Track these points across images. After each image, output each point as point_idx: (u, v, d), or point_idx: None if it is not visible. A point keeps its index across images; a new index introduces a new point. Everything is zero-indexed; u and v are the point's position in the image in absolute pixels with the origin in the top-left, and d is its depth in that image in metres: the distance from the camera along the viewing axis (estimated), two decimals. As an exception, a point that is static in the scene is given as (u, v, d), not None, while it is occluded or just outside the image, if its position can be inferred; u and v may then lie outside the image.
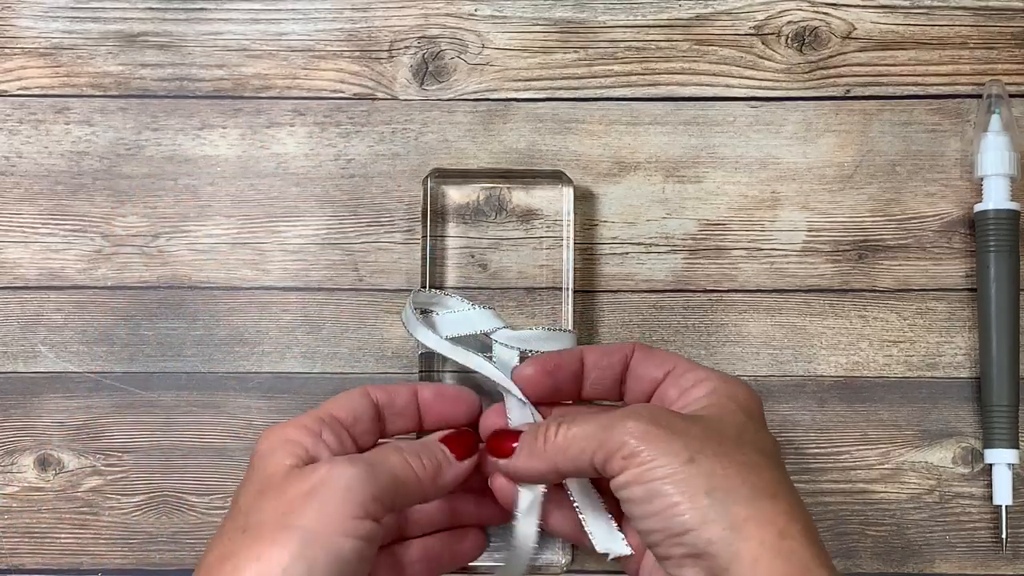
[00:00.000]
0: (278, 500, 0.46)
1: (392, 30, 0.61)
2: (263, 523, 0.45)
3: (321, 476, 0.46)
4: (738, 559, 0.43)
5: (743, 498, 0.44)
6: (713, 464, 0.44)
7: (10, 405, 0.59)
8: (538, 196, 0.60)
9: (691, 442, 0.45)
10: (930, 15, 0.61)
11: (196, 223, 0.60)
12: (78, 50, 0.61)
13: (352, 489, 0.45)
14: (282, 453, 0.48)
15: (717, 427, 0.46)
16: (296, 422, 0.49)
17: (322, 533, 0.44)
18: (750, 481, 0.44)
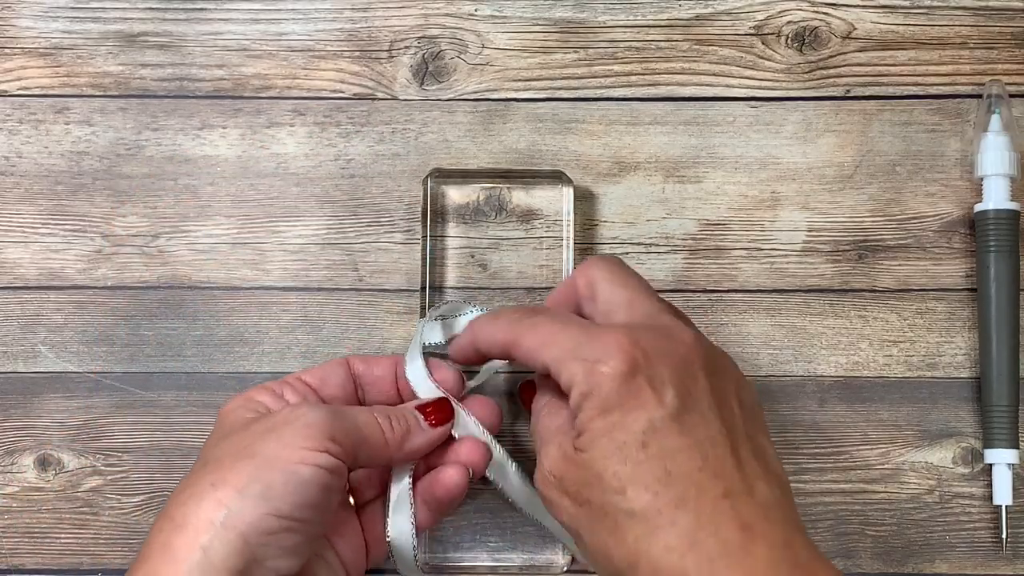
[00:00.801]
0: (239, 438, 0.48)
1: (392, 30, 0.61)
2: (222, 456, 0.47)
3: (283, 415, 0.48)
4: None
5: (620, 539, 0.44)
6: (590, 537, 0.45)
7: (10, 405, 0.59)
8: (538, 196, 0.60)
9: (574, 515, 0.45)
10: (930, 15, 0.61)
11: (196, 223, 0.60)
12: (78, 50, 0.61)
13: (311, 426, 0.47)
14: (243, 410, 0.50)
15: (592, 472, 0.44)
16: (259, 386, 0.52)
17: (279, 458, 0.46)
18: (612, 552, 0.44)
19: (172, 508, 0.46)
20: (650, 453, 0.44)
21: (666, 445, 0.44)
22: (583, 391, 0.45)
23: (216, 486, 0.45)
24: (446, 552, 0.58)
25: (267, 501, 0.45)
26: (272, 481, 0.45)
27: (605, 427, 0.44)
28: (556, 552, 0.58)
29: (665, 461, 0.43)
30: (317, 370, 0.53)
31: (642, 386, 0.44)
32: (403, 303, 0.60)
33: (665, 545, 0.42)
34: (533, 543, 0.58)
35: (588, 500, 0.44)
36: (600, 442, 0.44)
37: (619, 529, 0.43)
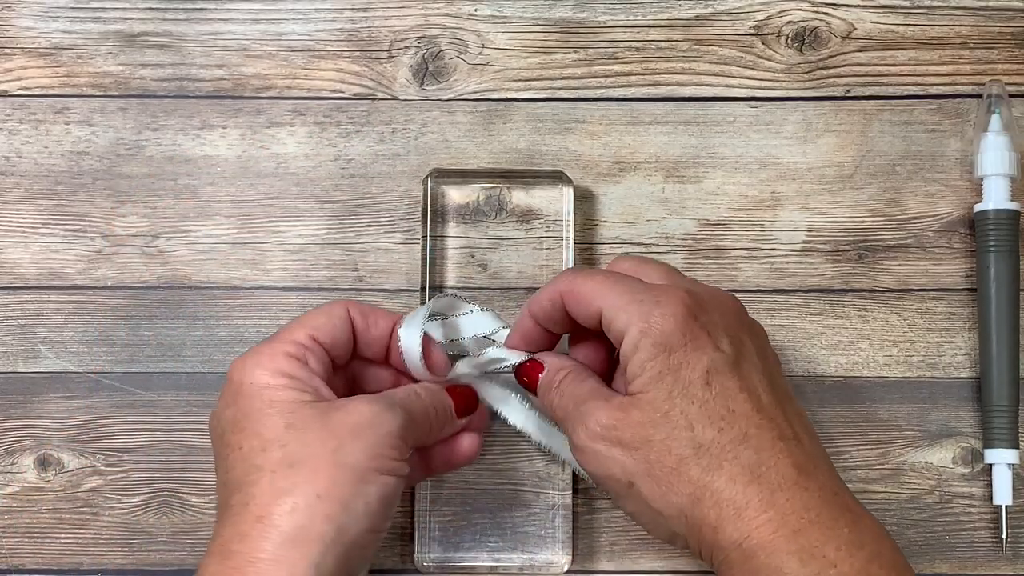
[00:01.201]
0: (321, 434, 0.47)
1: (392, 30, 0.61)
2: (312, 457, 0.46)
3: (365, 416, 0.48)
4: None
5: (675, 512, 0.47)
6: (647, 487, 0.47)
7: (10, 405, 0.59)
8: (538, 196, 0.60)
9: (627, 461, 0.47)
10: (930, 15, 0.61)
11: (196, 223, 0.60)
12: (78, 50, 0.61)
13: (393, 433, 0.48)
14: (294, 392, 0.48)
15: (648, 415, 0.47)
16: (279, 349, 0.49)
17: (371, 472, 0.47)
18: (673, 488, 0.46)
19: (273, 512, 0.45)
20: (714, 392, 0.47)
21: (727, 386, 0.47)
22: (643, 329, 0.47)
23: (322, 499, 0.45)
24: (446, 552, 0.58)
25: (368, 517, 0.46)
26: (370, 496, 0.46)
27: (668, 367, 0.47)
28: (557, 553, 0.58)
29: (727, 400, 0.47)
30: (326, 324, 0.51)
31: (700, 331, 0.47)
32: (403, 303, 0.60)
33: (729, 476, 0.46)
34: (533, 543, 0.58)
35: (648, 441, 0.46)
36: (664, 381, 0.47)
37: (683, 465, 0.46)
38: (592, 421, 0.48)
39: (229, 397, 0.49)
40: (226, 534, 0.46)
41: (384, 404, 0.49)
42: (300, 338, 0.50)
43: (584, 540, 0.58)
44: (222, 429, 0.49)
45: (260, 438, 0.47)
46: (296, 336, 0.50)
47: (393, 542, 0.58)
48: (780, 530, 0.45)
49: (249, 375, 0.49)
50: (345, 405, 0.48)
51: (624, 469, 0.47)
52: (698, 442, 0.46)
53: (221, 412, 0.49)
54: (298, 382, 0.49)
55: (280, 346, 0.50)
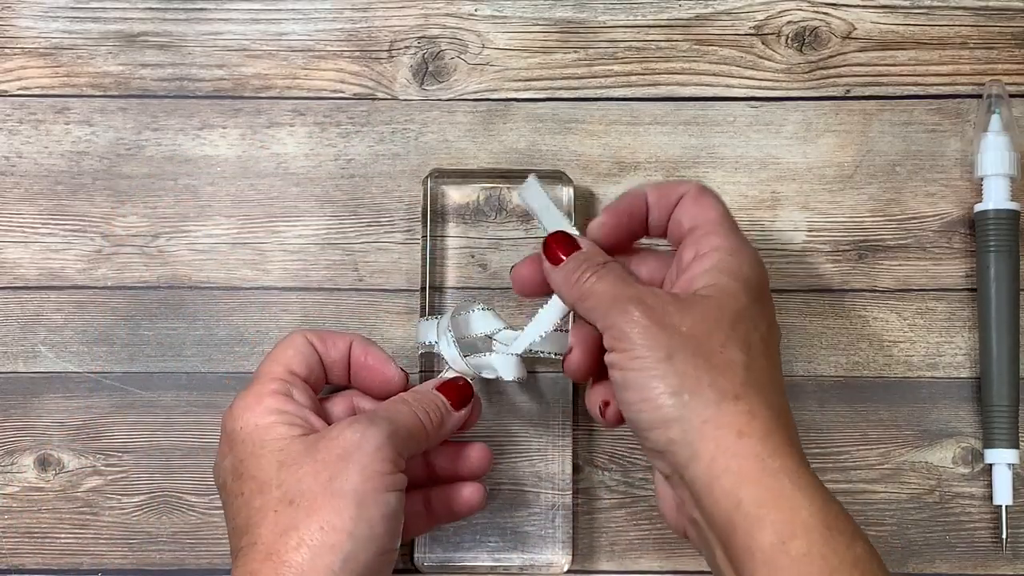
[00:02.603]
0: (312, 467, 0.47)
1: (392, 30, 0.61)
2: (309, 492, 0.47)
3: (350, 439, 0.48)
4: (696, 459, 0.45)
5: (707, 401, 0.45)
6: (687, 364, 0.46)
7: (10, 405, 0.59)
8: (538, 196, 0.60)
9: (675, 338, 0.46)
10: (930, 15, 0.61)
11: (196, 223, 0.60)
12: (78, 50, 0.61)
13: (382, 448, 0.48)
14: (283, 427, 0.49)
15: (712, 315, 0.47)
16: (263, 388, 0.50)
17: (370, 492, 0.47)
18: (718, 384, 0.45)
19: (280, 548, 0.46)
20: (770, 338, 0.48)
21: (771, 331, 0.49)
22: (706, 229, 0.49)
23: (326, 530, 0.46)
24: (446, 552, 0.58)
25: (373, 541, 0.47)
26: (372, 518, 0.47)
27: (727, 269, 0.48)
28: (557, 553, 0.58)
29: (766, 342, 0.48)
30: (295, 356, 0.52)
31: (768, 298, 0.49)
32: (403, 303, 0.60)
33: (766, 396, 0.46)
34: (533, 543, 0.58)
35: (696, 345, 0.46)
36: (721, 281, 0.48)
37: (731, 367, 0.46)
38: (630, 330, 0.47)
39: (225, 447, 0.50)
40: (238, 574, 0.47)
41: (365, 422, 0.49)
42: (279, 374, 0.51)
43: (584, 540, 0.58)
44: (223, 479, 0.50)
45: (256, 481, 0.48)
46: (275, 373, 0.51)
47: (393, 542, 0.58)
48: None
49: (240, 420, 0.50)
50: (328, 432, 0.49)
51: (655, 342, 0.46)
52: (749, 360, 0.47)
53: (220, 463, 0.51)
54: (287, 416, 0.50)
55: (263, 386, 0.51)
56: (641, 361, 0.46)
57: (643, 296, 0.48)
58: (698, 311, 0.47)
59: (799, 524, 0.43)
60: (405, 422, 0.50)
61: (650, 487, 0.59)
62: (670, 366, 0.46)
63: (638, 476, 0.59)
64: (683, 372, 0.45)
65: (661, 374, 0.46)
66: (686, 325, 0.47)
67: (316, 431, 0.49)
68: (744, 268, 0.49)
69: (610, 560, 0.58)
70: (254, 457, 0.49)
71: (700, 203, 0.51)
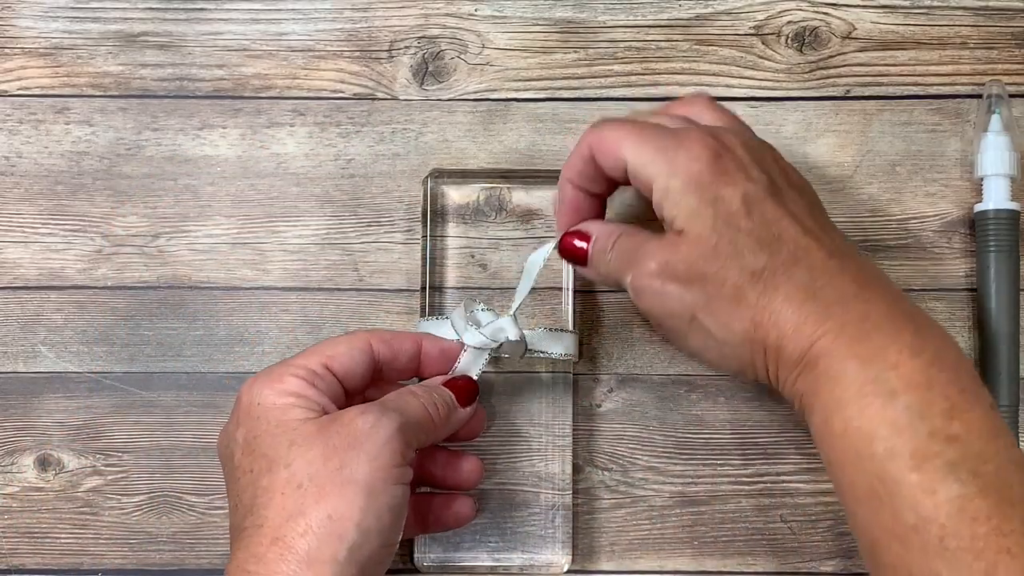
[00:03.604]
0: (322, 451, 0.47)
1: (392, 30, 0.61)
2: (318, 477, 0.47)
3: (361, 428, 0.48)
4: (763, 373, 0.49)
5: (742, 328, 0.48)
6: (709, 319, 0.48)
7: (10, 405, 0.59)
8: (538, 196, 0.60)
9: (686, 296, 0.49)
10: (930, 15, 0.61)
11: (196, 223, 0.60)
12: (78, 50, 0.61)
13: (392, 440, 0.48)
14: (299, 409, 0.49)
15: (698, 250, 0.48)
16: (288, 371, 0.50)
17: (377, 484, 0.47)
18: (744, 300, 0.48)
19: (287, 534, 0.46)
20: (756, 220, 0.48)
21: (767, 212, 0.48)
22: (669, 174, 0.49)
23: (333, 519, 0.46)
24: (446, 552, 0.58)
25: (380, 534, 0.47)
26: (380, 510, 0.47)
27: (703, 201, 0.48)
28: (556, 552, 0.58)
29: (771, 226, 0.48)
30: (344, 355, 0.51)
31: (728, 165, 0.49)
32: (403, 303, 0.60)
33: (785, 296, 0.47)
34: (533, 543, 0.58)
35: (702, 274, 0.48)
36: (704, 215, 0.48)
37: (739, 292, 0.48)
38: (647, 260, 0.50)
39: (239, 418, 0.50)
40: (242, 556, 0.46)
41: (377, 410, 0.49)
42: (312, 364, 0.50)
43: (584, 540, 0.58)
44: (231, 451, 0.50)
45: (267, 459, 0.48)
46: (309, 362, 0.50)
47: (393, 542, 0.58)
48: (840, 338, 0.46)
49: (257, 395, 0.49)
50: (340, 417, 0.48)
51: (684, 304, 0.49)
52: (751, 269, 0.48)
53: (232, 433, 0.50)
54: (305, 400, 0.49)
55: (290, 368, 0.50)
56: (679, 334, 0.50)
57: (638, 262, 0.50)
58: (681, 248, 0.49)
59: (834, 402, 0.45)
60: (415, 414, 0.50)
61: (650, 487, 0.59)
62: (698, 325, 0.49)
63: (638, 476, 0.59)
64: (711, 326, 0.48)
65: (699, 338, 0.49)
66: (681, 270, 0.49)
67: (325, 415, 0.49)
68: (680, 175, 0.49)
69: (610, 560, 0.58)
70: (268, 435, 0.48)
71: (604, 149, 0.52)
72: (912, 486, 0.43)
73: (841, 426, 0.45)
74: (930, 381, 0.45)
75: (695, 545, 0.58)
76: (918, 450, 0.43)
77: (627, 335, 0.60)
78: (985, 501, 0.42)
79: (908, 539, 0.42)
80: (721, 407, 0.59)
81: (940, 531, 0.42)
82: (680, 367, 0.59)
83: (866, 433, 0.44)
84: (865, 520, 0.44)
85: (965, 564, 0.41)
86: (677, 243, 0.49)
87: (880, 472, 0.43)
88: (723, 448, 0.59)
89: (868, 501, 0.44)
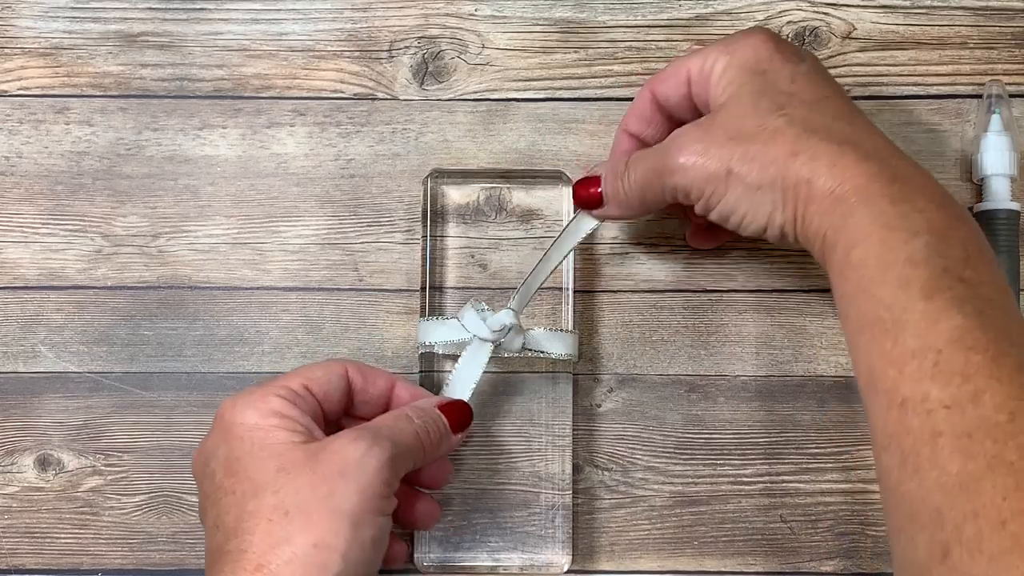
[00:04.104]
0: (311, 479, 0.47)
1: (392, 30, 0.61)
2: (305, 505, 0.46)
3: (352, 456, 0.48)
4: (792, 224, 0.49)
5: (776, 176, 0.48)
6: (744, 164, 0.49)
7: (10, 405, 0.59)
8: (538, 196, 0.60)
9: (723, 153, 0.49)
10: (930, 15, 0.61)
11: (196, 223, 0.60)
12: (78, 50, 0.61)
13: (383, 470, 0.48)
14: (284, 432, 0.49)
15: (734, 112, 0.50)
16: (271, 391, 0.50)
17: (365, 515, 0.47)
18: (774, 156, 0.48)
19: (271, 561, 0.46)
20: (801, 85, 0.50)
21: (814, 83, 0.51)
22: (727, 61, 0.51)
23: (319, 548, 0.46)
24: (446, 552, 0.58)
25: (363, 564, 0.47)
26: (365, 542, 0.47)
27: (754, 74, 0.50)
28: (557, 552, 0.58)
29: (816, 89, 0.50)
30: (323, 378, 0.52)
31: (784, 51, 0.51)
32: (403, 303, 0.60)
33: (824, 137, 0.48)
34: (533, 543, 0.58)
35: (740, 131, 0.49)
36: (751, 84, 0.50)
37: (778, 132, 0.48)
38: (681, 139, 0.51)
39: (219, 436, 0.50)
40: None
41: (370, 439, 0.48)
42: (294, 385, 0.51)
43: (584, 540, 0.58)
44: (212, 470, 0.49)
45: (252, 483, 0.48)
46: (290, 383, 0.51)
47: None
48: (874, 180, 0.47)
49: (240, 415, 0.49)
50: (331, 444, 0.48)
51: (721, 160, 0.49)
52: (791, 116, 0.49)
53: (212, 451, 0.50)
54: (289, 421, 0.49)
55: (272, 388, 0.50)
56: (715, 195, 0.50)
57: (670, 149, 0.51)
58: (719, 117, 0.50)
59: (859, 233, 0.46)
60: (406, 442, 0.50)
61: (650, 487, 0.59)
62: (734, 178, 0.49)
63: (638, 476, 0.59)
64: (747, 173, 0.49)
65: (730, 188, 0.49)
66: (719, 135, 0.49)
67: (315, 441, 0.49)
68: (740, 54, 0.51)
69: (610, 560, 0.58)
70: (252, 458, 0.48)
71: (666, 74, 0.54)
72: (918, 313, 0.44)
73: (861, 256, 0.46)
74: (951, 230, 0.46)
75: (695, 545, 0.58)
76: (930, 282, 0.44)
77: (627, 335, 0.60)
78: (984, 335, 0.43)
79: (905, 364, 0.44)
80: (721, 407, 0.59)
81: (936, 356, 0.43)
82: (680, 367, 0.59)
83: (885, 263, 0.45)
84: (866, 347, 0.45)
85: (955, 385, 0.42)
86: (714, 115, 0.51)
87: (890, 300, 0.45)
88: (723, 448, 0.59)
89: (872, 328, 0.45)
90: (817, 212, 0.48)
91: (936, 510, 0.42)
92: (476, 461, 0.58)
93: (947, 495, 0.41)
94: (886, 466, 0.44)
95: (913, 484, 0.43)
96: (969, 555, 0.40)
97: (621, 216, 0.55)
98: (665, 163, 0.51)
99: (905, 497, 0.43)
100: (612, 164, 0.54)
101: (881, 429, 0.44)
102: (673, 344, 0.59)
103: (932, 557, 0.41)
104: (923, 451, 0.42)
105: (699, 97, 0.52)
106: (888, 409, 0.44)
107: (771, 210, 0.49)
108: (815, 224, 0.48)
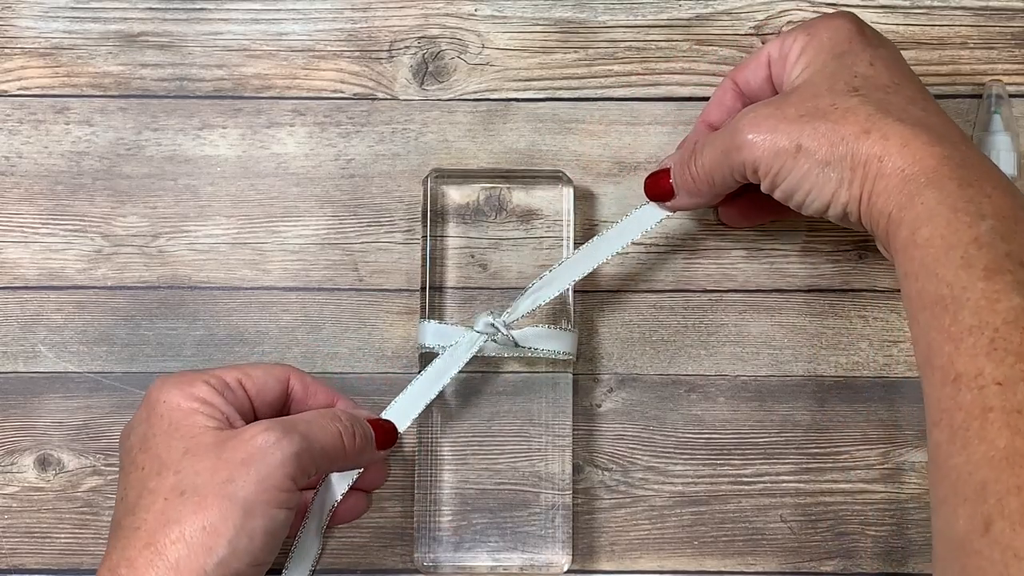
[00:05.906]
0: (214, 463, 0.47)
1: (392, 30, 0.61)
2: (202, 488, 0.47)
3: (258, 446, 0.47)
4: (858, 203, 0.50)
5: (844, 154, 0.49)
6: (814, 140, 0.49)
7: (10, 405, 0.59)
8: (538, 196, 0.60)
9: (793, 129, 0.50)
10: (930, 15, 0.61)
11: (196, 223, 0.60)
12: (78, 50, 0.61)
13: (287, 463, 0.47)
14: (202, 416, 0.49)
15: (810, 89, 0.51)
16: (201, 377, 0.50)
17: (260, 505, 0.47)
18: (844, 134, 0.49)
19: (160, 540, 0.46)
20: (878, 69, 0.51)
21: (892, 65, 0.52)
22: (807, 41, 0.52)
23: (208, 531, 0.46)
24: (446, 552, 0.58)
25: (250, 553, 0.47)
26: (255, 531, 0.47)
27: (833, 56, 0.51)
28: (557, 552, 0.58)
29: (892, 73, 0.51)
30: (260, 378, 0.52)
31: (866, 35, 0.52)
32: (403, 303, 0.60)
33: (897, 118, 0.49)
34: (533, 543, 0.58)
35: (814, 108, 0.50)
36: (828, 65, 0.51)
37: (851, 111, 0.49)
38: (751, 115, 0.51)
39: (144, 412, 0.50)
40: (115, 558, 0.47)
41: (280, 431, 0.48)
42: (227, 377, 0.51)
43: (584, 540, 0.58)
44: (131, 444, 0.50)
45: (159, 461, 0.48)
46: (225, 375, 0.51)
47: (393, 542, 0.58)
48: (944, 163, 0.47)
49: (166, 394, 0.50)
50: (242, 433, 0.48)
51: (790, 136, 0.50)
52: (866, 96, 0.50)
53: (134, 426, 0.50)
54: (211, 408, 0.49)
55: (203, 376, 0.50)
56: (783, 170, 0.50)
57: (739, 125, 0.51)
58: (793, 96, 0.51)
59: (927, 213, 0.47)
60: (321, 439, 0.49)
61: (650, 487, 0.59)
62: (803, 154, 0.49)
63: (638, 476, 0.59)
64: (816, 148, 0.49)
65: (798, 163, 0.50)
66: (790, 112, 0.50)
67: (229, 428, 0.49)
68: (820, 36, 0.52)
69: (610, 560, 0.58)
70: (165, 436, 0.49)
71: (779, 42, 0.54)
72: (978, 292, 0.45)
73: (927, 235, 0.46)
74: (1017, 217, 0.47)
75: (695, 545, 0.58)
76: (992, 264, 0.45)
77: (627, 335, 0.60)
78: None
79: (962, 340, 0.44)
80: (721, 407, 0.59)
81: (993, 334, 0.44)
82: (680, 367, 0.59)
83: (950, 243, 0.46)
84: (926, 324, 0.46)
85: (1008, 364, 0.43)
86: (788, 94, 0.51)
87: (952, 279, 0.45)
88: (723, 448, 0.59)
89: (933, 307, 0.46)
90: (884, 191, 0.48)
91: (981, 483, 0.42)
92: (476, 461, 0.58)
93: (993, 468, 0.42)
94: (936, 441, 0.45)
95: (961, 458, 0.43)
96: (1011, 527, 0.41)
97: (691, 204, 0.56)
98: (734, 140, 0.51)
99: (951, 471, 0.43)
100: (680, 153, 0.55)
101: (935, 404, 0.45)
102: (673, 344, 0.59)
103: (974, 529, 0.42)
104: (973, 425, 0.43)
105: (778, 78, 0.54)
106: (942, 385, 0.45)
107: (836, 187, 0.50)
108: (881, 203, 0.48)
